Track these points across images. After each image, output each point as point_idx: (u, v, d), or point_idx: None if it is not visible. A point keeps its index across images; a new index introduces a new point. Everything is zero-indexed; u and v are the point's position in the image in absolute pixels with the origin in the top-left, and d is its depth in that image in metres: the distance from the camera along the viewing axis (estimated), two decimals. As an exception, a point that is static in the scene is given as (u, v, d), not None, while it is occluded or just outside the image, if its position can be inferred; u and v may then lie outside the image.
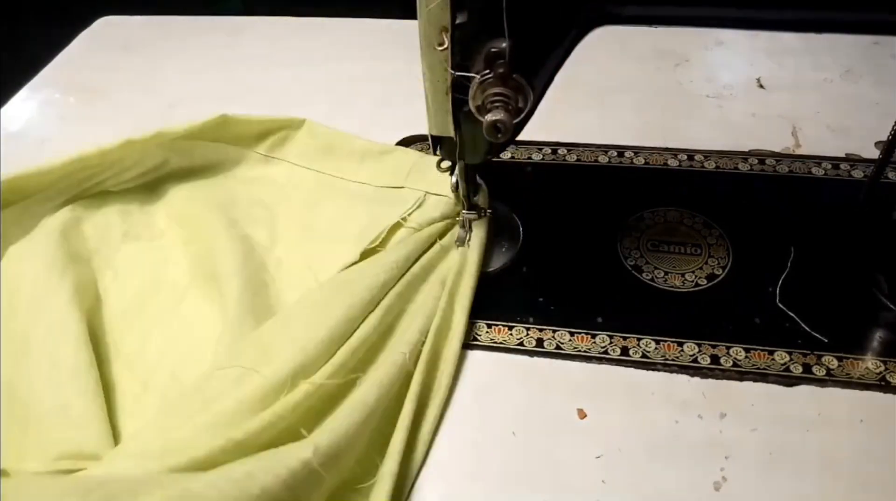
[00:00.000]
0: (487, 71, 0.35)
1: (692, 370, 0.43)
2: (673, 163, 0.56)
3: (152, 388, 0.44)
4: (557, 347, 0.44)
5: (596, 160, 0.57)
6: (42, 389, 0.41)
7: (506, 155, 0.57)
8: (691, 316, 0.45)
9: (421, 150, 0.59)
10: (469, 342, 0.45)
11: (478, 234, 0.49)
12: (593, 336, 0.45)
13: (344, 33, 0.73)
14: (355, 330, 0.42)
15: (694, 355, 0.43)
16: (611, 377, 0.43)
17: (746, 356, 0.43)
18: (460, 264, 0.48)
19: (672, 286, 0.47)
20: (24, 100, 0.69)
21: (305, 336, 0.41)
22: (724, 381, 0.42)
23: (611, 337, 0.45)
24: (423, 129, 0.48)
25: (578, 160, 0.57)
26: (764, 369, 0.42)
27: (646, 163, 0.56)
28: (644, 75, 0.66)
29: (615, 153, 0.57)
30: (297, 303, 0.45)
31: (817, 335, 0.44)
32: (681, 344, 0.44)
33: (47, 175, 0.52)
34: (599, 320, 0.46)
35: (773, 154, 0.56)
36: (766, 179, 0.54)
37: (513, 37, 0.33)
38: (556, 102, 0.63)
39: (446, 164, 0.46)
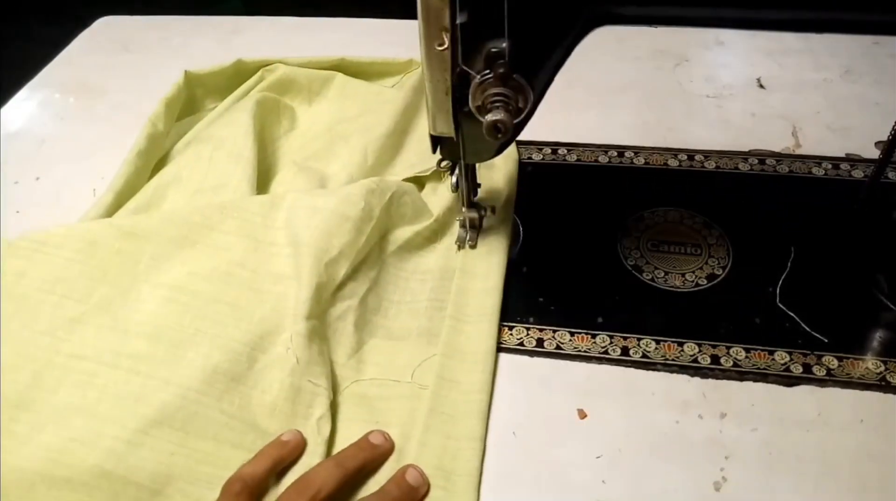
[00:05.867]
0: (487, 71, 0.35)
1: (692, 370, 0.43)
2: (673, 163, 0.56)
3: None
4: (557, 347, 0.44)
5: (596, 160, 0.57)
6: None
7: (506, 155, 0.57)
8: (691, 316, 0.45)
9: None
10: (469, 342, 0.45)
11: (498, 241, 0.49)
12: (593, 336, 0.45)
13: (344, 33, 0.73)
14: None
15: (694, 355, 0.43)
16: (611, 377, 0.43)
17: (746, 356, 0.43)
18: (479, 273, 0.47)
19: (672, 286, 0.47)
20: (24, 100, 0.69)
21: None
22: (724, 381, 0.42)
23: (611, 337, 0.45)
24: (423, 129, 0.48)
25: (578, 160, 0.57)
26: (764, 369, 0.42)
27: (646, 163, 0.56)
28: (644, 75, 0.66)
29: (615, 153, 0.57)
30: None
31: (817, 335, 0.44)
32: (681, 344, 0.44)
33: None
34: (599, 320, 0.46)
35: (773, 154, 0.56)
36: (766, 179, 0.54)
37: (513, 37, 0.33)
38: (556, 102, 0.63)
39: (446, 164, 0.46)
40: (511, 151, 0.56)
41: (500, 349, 0.45)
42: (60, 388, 0.40)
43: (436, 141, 0.42)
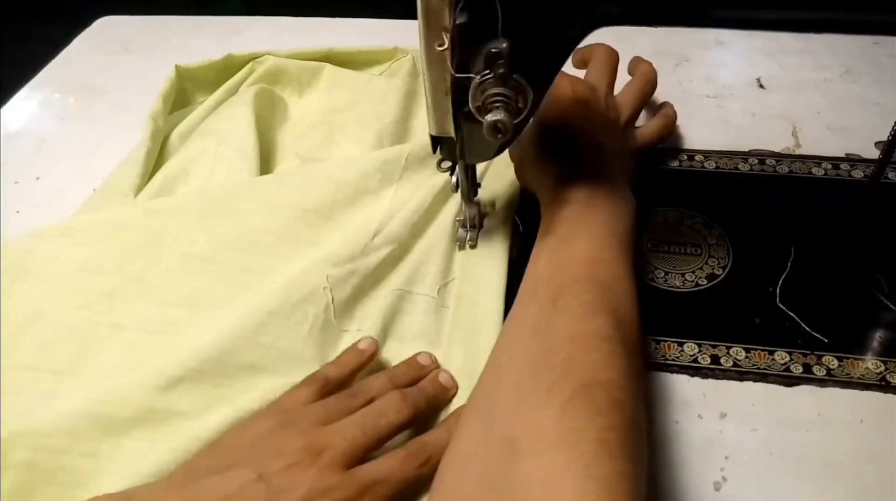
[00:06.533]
0: (487, 71, 0.35)
1: (692, 370, 0.43)
2: (673, 163, 0.56)
3: None
4: (557, 347, 0.44)
5: (596, 160, 0.57)
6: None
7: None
8: (691, 316, 0.45)
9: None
10: (469, 342, 0.45)
11: (499, 240, 0.49)
12: (593, 336, 0.45)
13: (344, 33, 0.73)
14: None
15: (694, 355, 0.43)
16: (611, 377, 0.43)
17: (746, 356, 0.43)
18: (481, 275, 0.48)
19: (672, 286, 0.47)
20: (24, 100, 0.69)
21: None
22: (724, 381, 0.42)
23: (611, 337, 0.44)
24: (423, 129, 0.48)
25: (578, 160, 0.57)
26: (764, 369, 0.42)
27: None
28: (644, 75, 0.66)
29: (615, 153, 0.57)
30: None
31: (817, 335, 0.44)
32: (681, 344, 0.44)
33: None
34: (599, 320, 0.45)
35: (773, 154, 0.56)
36: (766, 179, 0.54)
37: (512, 37, 0.33)
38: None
39: (446, 164, 0.46)
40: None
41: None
42: (105, 356, 0.42)
43: (436, 141, 0.42)
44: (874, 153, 0.55)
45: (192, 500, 0.32)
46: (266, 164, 0.57)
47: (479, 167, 0.51)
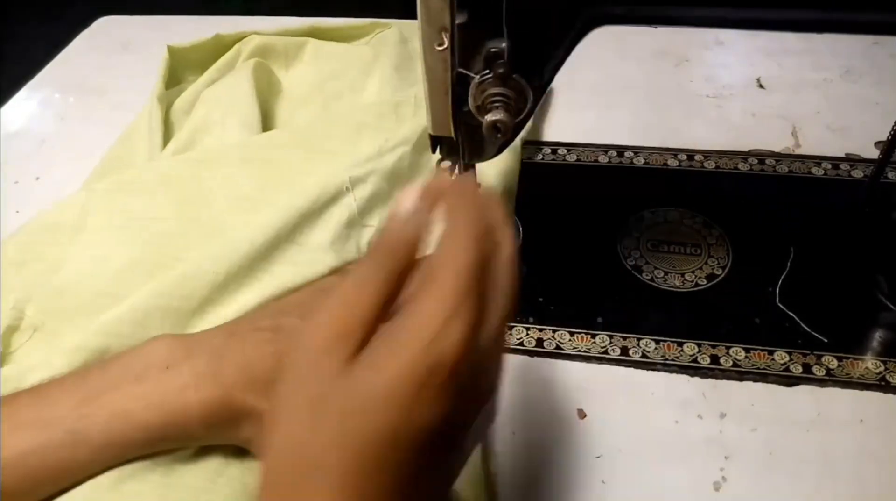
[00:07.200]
0: (487, 71, 0.35)
1: (692, 370, 0.43)
2: (673, 163, 0.56)
3: None
4: (557, 347, 0.44)
5: (596, 160, 0.57)
6: None
7: (506, 155, 0.57)
8: (691, 316, 0.45)
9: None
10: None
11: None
12: (593, 336, 0.45)
13: (344, 33, 0.73)
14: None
15: (694, 355, 0.43)
16: (611, 377, 0.43)
17: (746, 356, 0.43)
18: None
19: (672, 286, 0.47)
20: (24, 100, 0.69)
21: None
22: (724, 381, 0.42)
23: (611, 337, 0.45)
24: (423, 129, 0.49)
25: (578, 160, 0.57)
26: (764, 369, 0.42)
27: (646, 163, 0.56)
28: (644, 75, 0.66)
29: (615, 153, 0.57)
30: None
31: (817, 335, 0.44)
32: (681, 344, 0.44)
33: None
34: (599, 320, 0.46)
35: (773, 154, 0.56)
36: (766, 179, 0.54)
37: (512, 37, 0.33)
38: (556, 102, 0.63)
39: (446, 164, 0.46)
40: (513, 151, 0.56)
41: (499, 348, 0.45)
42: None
43: (435, 141, 0.42)
44: (874, 153, 0.55)
45: (230, 332, 0.36)
46: None
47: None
